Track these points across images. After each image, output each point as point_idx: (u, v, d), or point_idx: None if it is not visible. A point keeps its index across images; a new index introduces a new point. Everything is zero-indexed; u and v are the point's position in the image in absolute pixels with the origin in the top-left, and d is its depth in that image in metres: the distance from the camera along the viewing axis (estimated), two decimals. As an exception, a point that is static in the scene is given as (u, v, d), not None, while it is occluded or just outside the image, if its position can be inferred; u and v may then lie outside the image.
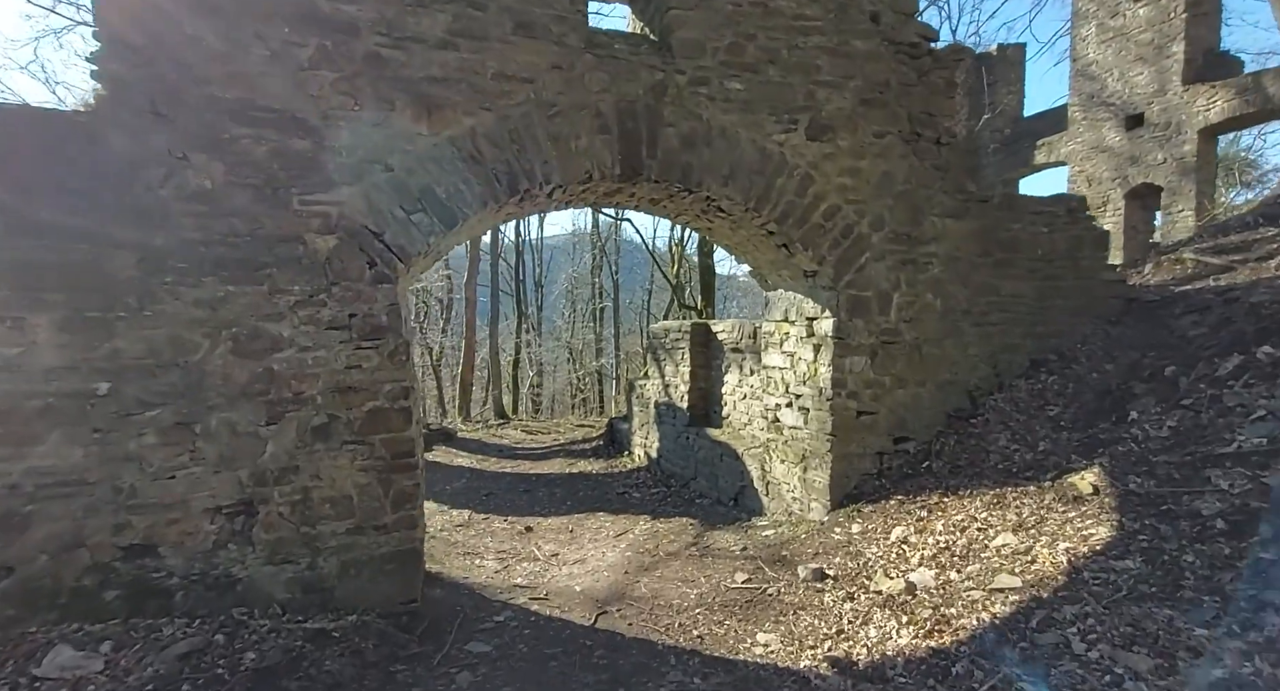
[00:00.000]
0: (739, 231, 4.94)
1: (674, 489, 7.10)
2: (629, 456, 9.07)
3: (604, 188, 4.44)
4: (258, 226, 3.51)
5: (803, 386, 5.00)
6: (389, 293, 3.75)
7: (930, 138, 4.82)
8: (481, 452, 11.00)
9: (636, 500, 6.92)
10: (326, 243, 3.62)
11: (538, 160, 4.03)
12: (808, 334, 4.94)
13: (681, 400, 7.44)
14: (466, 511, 6.87)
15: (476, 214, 3.96)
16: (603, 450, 9.86)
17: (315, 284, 3.60)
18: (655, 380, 8.21)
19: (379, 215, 3.71)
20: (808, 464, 4.94)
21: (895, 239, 4.78)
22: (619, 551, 5.24)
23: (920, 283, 4.85)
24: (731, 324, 6.79)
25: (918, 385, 4.87)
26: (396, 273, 3.77)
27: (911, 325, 4.84)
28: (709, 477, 6.59)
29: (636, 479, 7.84)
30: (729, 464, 6.19)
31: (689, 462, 7.07)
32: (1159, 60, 11.19)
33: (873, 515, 4.35)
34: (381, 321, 3.73)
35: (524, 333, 24.17)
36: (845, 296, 4.69)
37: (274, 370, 3.54)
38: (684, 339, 7.43)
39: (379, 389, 3.74)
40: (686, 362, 7.37)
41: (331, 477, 3.65)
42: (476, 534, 6.07)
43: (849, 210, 4.67)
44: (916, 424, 4.89)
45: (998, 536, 3.56)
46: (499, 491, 7.86)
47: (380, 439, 3.74)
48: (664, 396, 7.92)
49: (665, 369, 7.91)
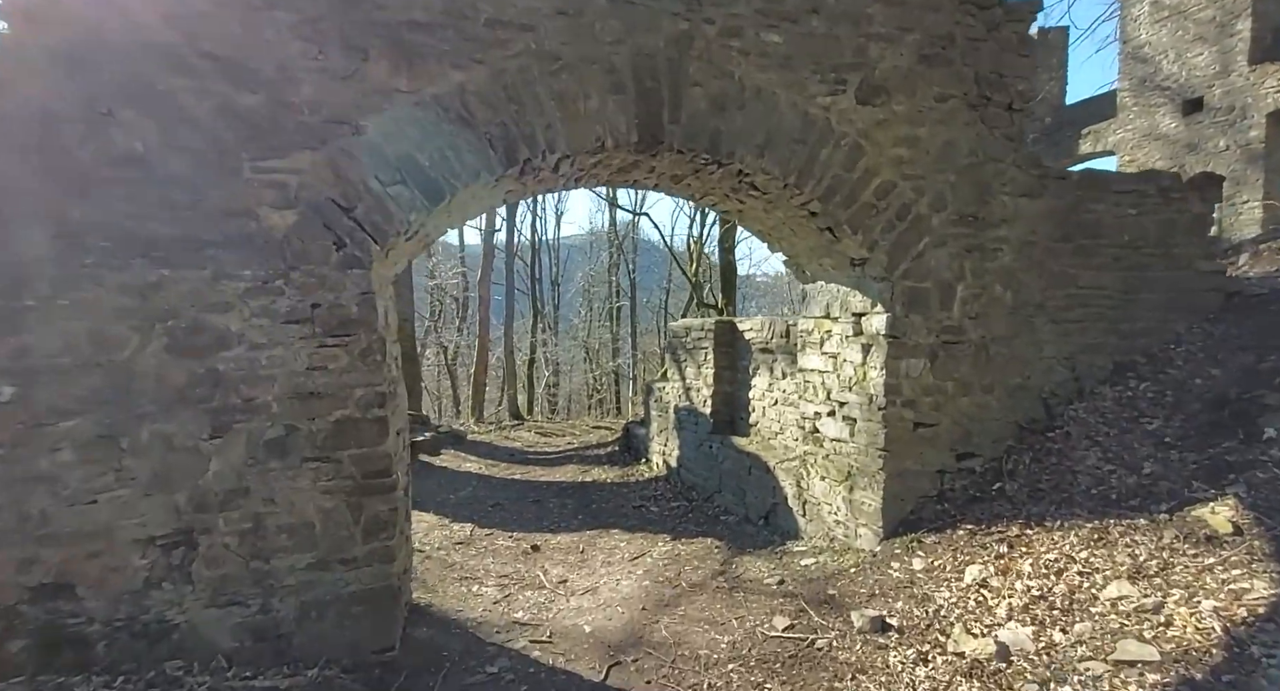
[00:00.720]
0: (774, 213, 4.22)
1: (696, 503, 6.39)
2: (646, 464, 8.37)
3: (619, 160, 3.75)
4: (200, 198, 2.88)
5: (848, 392, 4.26)
6: (361, 279, 3.10)
7: (1000, 102, 4.05)
8: (491, 457, 10.39)
9: (654, 515, 6.22)
10: (284, 218, 2.98)
11: (539, 124, 3.35)
12: (854, 332, 4.20)
13: (704, 405, 6.73)
14: (469, 526, 6.22)
15: (467, 187, 3.29)
16: (618, 456, 9.17)
17: (270, 268, 2.96)
18: (675, 383, 7.51)
19: (348, 186, 3.06)
20: (854, 482, 4.20)
21: (959, 221, 4.02)
22: (635, 579, 4.54)
23: (988, 272, 4.08)
24: (760, 321, 6.07)
25: (984, 392, 4.10)
26: (370, 256, 3.11)
27: (977, 322, 4.07)
28: (735, 492, 5.87)
29: (654, 490, 7.13)
30: (758, 478, 5.46)
31: (712, 474, 6.35)
32: (1221, 39, 10.20)
33: (937, 548, 3.60)
34: (351, 313, 3.08)
35: (540, 331, 23.61)
36: (901, 288, 3.94)
37: (219, 372, 2.91)
38: (707, 338, 6.72)
39: (348, 394, 3.09)
40: (709, 364, 6.66)
41: (289, 501, 3.01)
42: (478, 553, 5.41)
43: (905, 187, 3.92)
44: (983, 437, 4.12)
45: (1109, 585, 2.80)
46: (506, 501, 7.21)
47: (350, 455, 3.09)
48: (684, 400, 7.22)
49: (686, 370, 7.20)
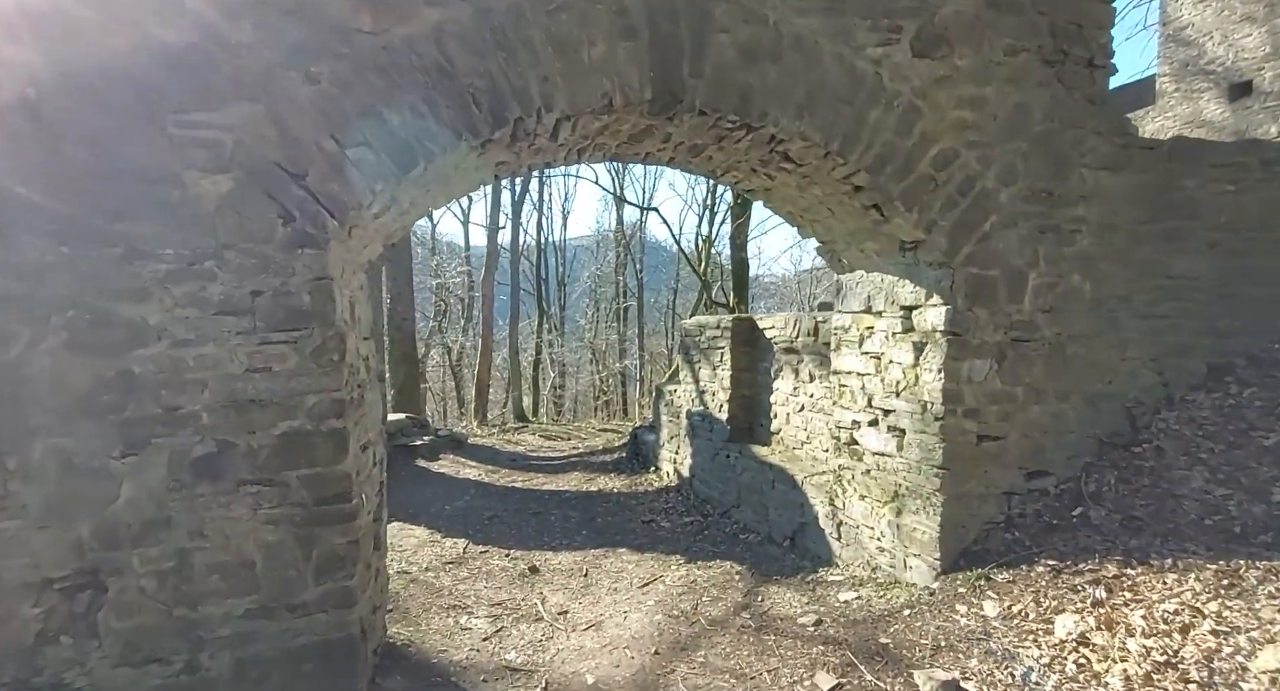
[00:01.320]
0: (809, 191, 3.60)
1: (711, 518, 5.77)
2: (655, 473, 7.75)
3: (629, 123, 3.14)
4: (109, 158, 2.30)
5: (894, 399, 3.63)
6: (314, 262, 2.51)
7: (1079, 57, 3.41)
8: (492, 462, 9.81)
9: (666, 532, 5.60)
10: (217, 185, 2.40)
11: (534, 76, 2.75)
12: (904, 328, 3.57)
13: (720, 410, 6.11)
14: (462, 541, 5.64)
15: (447, 153, 2.70)
16: (625, 464, 8.57)
17: (198, 246, 2.38)
18: (687, 385, 6.89)
19: (297, 147, 2.48)
20: (903, 504, 3.57)
21: (1031, 197, 3.39)
22: (646, 612, 3.93)
23: (1064, 258, 3.44)
24: (784, 318, 5.45)
25: (1059, 399, 3.46)
26: (326, 233, 2.53)
27: (1052, 316, 3.43)
28: (756, 508, 5.25)
29: (665, 502, 6.52)
30: (783, 493, 4.84)
31: (730, 486, 5.73)
32: (1271, 19, 9.44)
33: (1013, 588, 2.97)
34: (302, 303, 2.50)
35: (545, 332, 23.06)
36: (963, 277, 3.31)
37: (133, 374, 2.33)
38: (723, 337, 6.10)
39: (298, 402, 2.50)
40: (726, 365, 6.04)
41: (223, 534, 2.42)
42: (469, 575, 4.82)
43: (969, 156, 3.29)
44: (1057, 453, 3.48)
45: (1260, 651, 2.16)
46: (505, 513, 6.62)
47: (299, 476, 2.50)
48: (698, 404, 6.60)
49: (700, 372, 6.59)
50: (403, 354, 12.18)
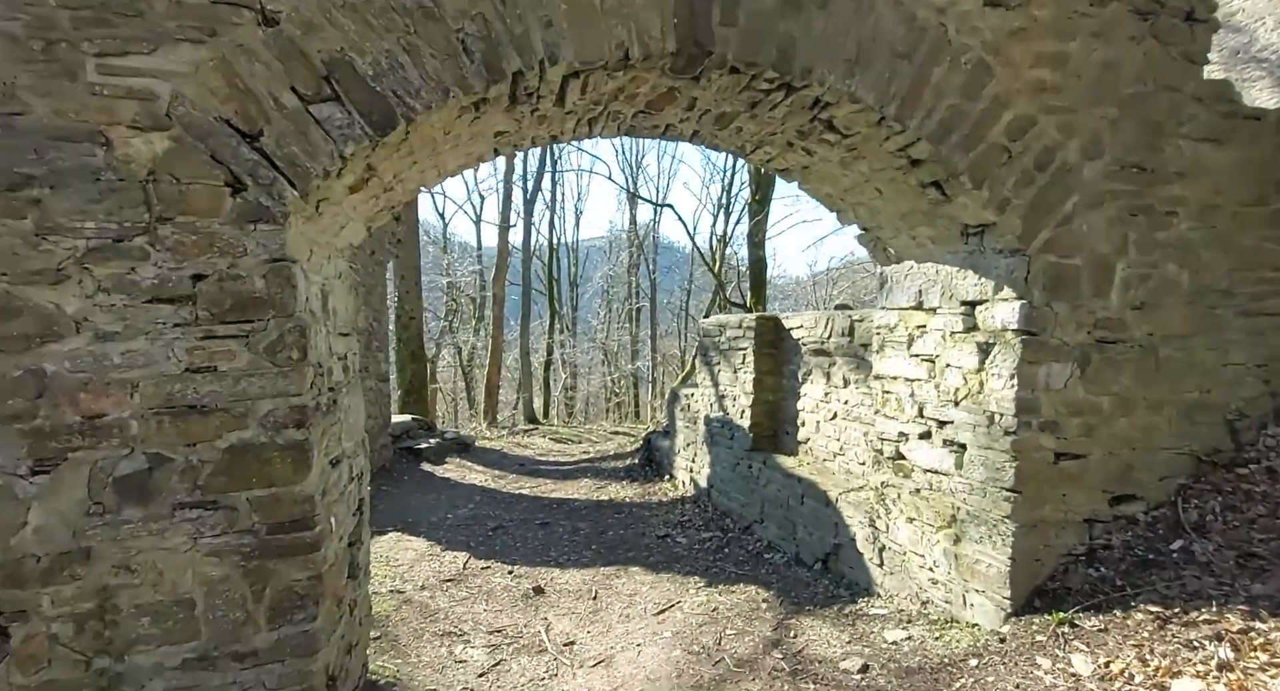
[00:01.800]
0: (855, 167, 3.11)
1: (732, 534, 5.28)
2: (670, 482, 7.27)
3: (648, 84, 2.68)
4: (17, 111, 1.88)
5: (952, 408, 3.13)
6: (270, 239, 2.07)
7: (1178, 9, 2.89)
8: (500, 467, 9.39)
9: (683, 549, 5.12)
10: (151, 144, 1.97)
11: (536, 19, 2.30)
12: (965, 327, 3.07)
13: (741, 416, 5.62)
14: (463, 555, 5.20)
15: (434, 112, 2.25)
16: (638, 471, 8.09)
17: (128, 219, 1.95)
18: (705, 389, 6.41)
19: (250, 100, 2.04)
20: (962, 531, 3.06)
21: (1120, 172, 2.87)
22: (662, 646, 3.45)
23: (1158, 244, 2.92)
24: (814, 317, 4.95)
25: (1151, 410, 2.93)
26: (285, 205, 2.09)
27: (1144, 314, 2.91)
28: (782, 524, 4.75)
29: (681, 515, 6.03)
30: (814, 510, 4.34)
31: (752, 500, 5.24)
32: (1333, 0, 8.80)
33: (1106, 639, 2.45)
34: (254, 289, 2.06)
35: (557, 333, 22.68)
36: (1040, 266, 2.80)
37: (45, 374, 1.90)
38: (745, 337, 5.62)
39: (249, 409, 2.06)
40: (749, 368, 5.55)
41: (155, 569, 1.99)
42: (468, 595, 4.37)
43: (1048, 124, 2.79)
44: (1147, 473, 2.96)
45: None
46: (510, 523, 6.18)
47: (250, 498, 2.06)
48: (717, 409, 6.11)
49: (719, 375, 6.10)
50: (411, 353, 11.82)
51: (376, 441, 8.28)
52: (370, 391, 8.11)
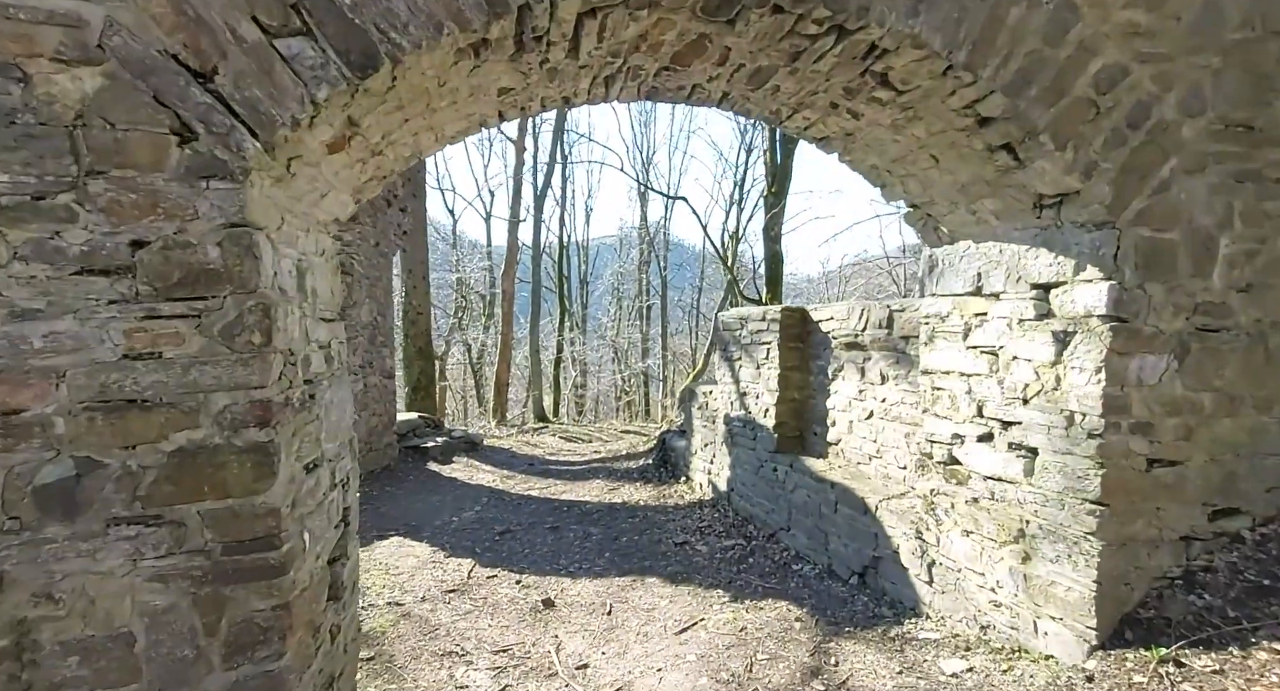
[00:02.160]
0: (910, 130, 2.71)
1: (756, 542, 4.89)
2: (686, 484, 6.89)
3: (675, 30, 2.29)
4: (-90, 37, 1.53)
5: (1019, 407, 2.72)
6: (228, 201, 1.71)
7: (1293, -58, 2.47)
8: (508, 467, 9.06)
9: (703, 558, 4.73)
10: (78, 82, 1.61)
11: (547, -57, 1.92)
12: (1037, 314, 2.66)
13: (765, 415, 5.22)
14: (468, 562, 4.85)
15: (425, 53, 1.88)
16: (652, 472, 7.72)
17: (50, 172, 1.60)
18: (725, 386, 6.02)
19: (203, 32, 1.68)
20: (1033, 547, 2.65)
21: (1225, 133, 2.45)
22: (686, 673, 3.07)
23: (1269, 216, 2.50)
24: (846, 308, 4.54)
25: (1259, 409, 2.51)
26: (246, 159, 1.73)
27: (1251, 296, 2.49)
28: (812, 533, 4.35)
29: (700, 520, 5.65)
30: (849, 518, 3.94)
31: (778, 505, 4.84)
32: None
33: (1224, 683, 2.04)
34: (207, 260, 1.70)
35: (567, 330, 22.35)
36: (1132, 241, 2.39)
37: (-54, 361, 1.55)
38: (769, 331, 5.22)
39: (201, 405, 1.70)
40: (773, 364, 5.15)
41: (85, 597, 1.64)
42: (472, 608, 4.02)
43: (1142, 74, 2.37)
44: (1253, 483, 2.54)
45: None
46: (519, 527, 5.83)
47: (202, 512, 1.71)
48: (738, 408, 5.72)
49: (740, 371, 5.70)
50: (418, 350, 11.52)
51: (381, 440, 7.98)
52: (375, 388, 7.81)
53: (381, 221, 8.07)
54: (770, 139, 12.18)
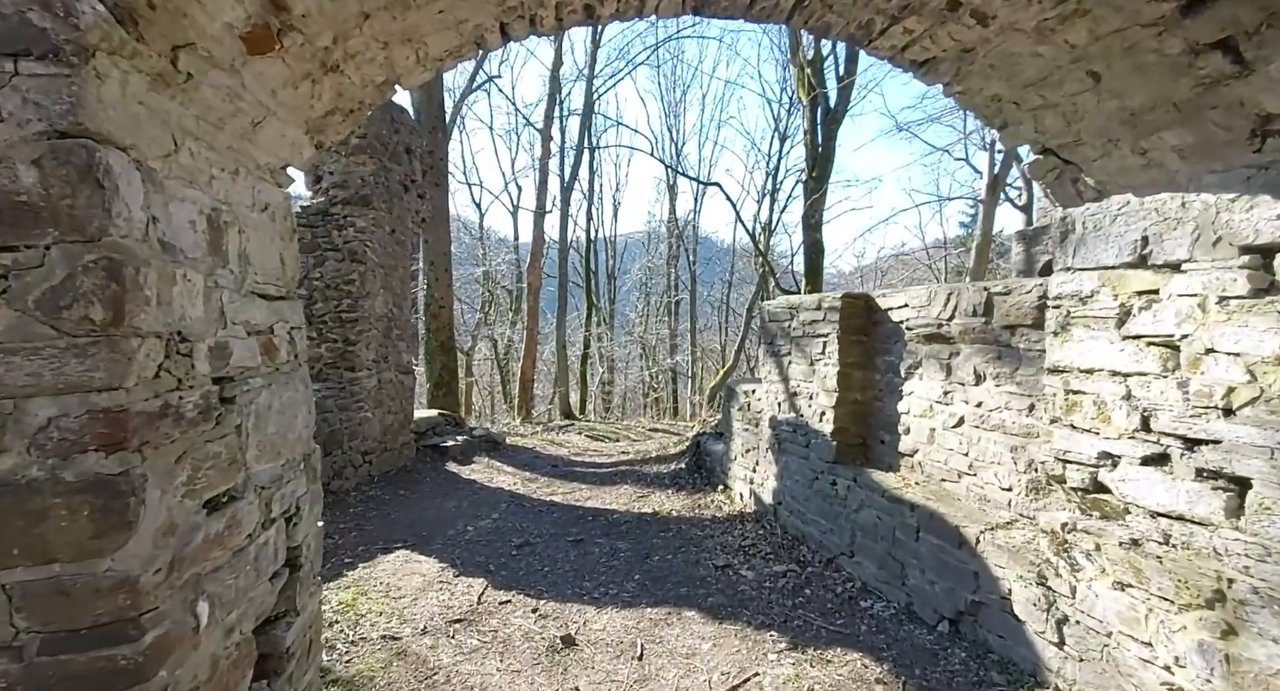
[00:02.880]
0: (1067, 30, 1.92)
1: (812, 569, 4.15)
2: (724, 492, 6.17)
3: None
4: None
5: (1217, 419, 1.93)
6: (51, 96, 1.06)
7: None
8: (531, 468, 8.47)
9: (750, 586, 4.01)
10: None
11: None
12: (1253, 289, 1.86)
13: (820, 419, 4.46)
14: (480, 582, 4.23)
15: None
16: (685, 478, 7.01)
17: None
18: (771, 385, 5.26)
19: None
20: (1242, 619, 1.86)
21: None
22: (741, 755, 2.37)
23: None
24: (927, 292, 3.76)
25: None
26: (83, 31, 1.07)
27: None
28: (884, 563, 3.60)
29: (742, 537, 4.93)
30: (935, 549, 3.18)
31: (838, 525, 4.09)
32: None
33: None
34: (16, 187, 1.05)
35: (594, 326, 21.77)
36: None
37: None
38: (826, 321, 4.45)
39: (7, 419, 1.06)
40: (831, 359, 4.39)
41: None
42: (480, 646, 3.39)
43: None
44: None
45: None
46: (538, 539, 5.20)
47: (9, 586, 1.07)
48: (786, 410, 4.97)
49: (789, 368, 4.95)
50: (440, 344, 11.02)
51: (397, 439, 7.45)
52: (390, 384, 7.28)
53: (398, 207, 7.53)
54: (810, 119, 11.32)
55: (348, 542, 4.93)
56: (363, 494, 6.34)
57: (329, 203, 6.75)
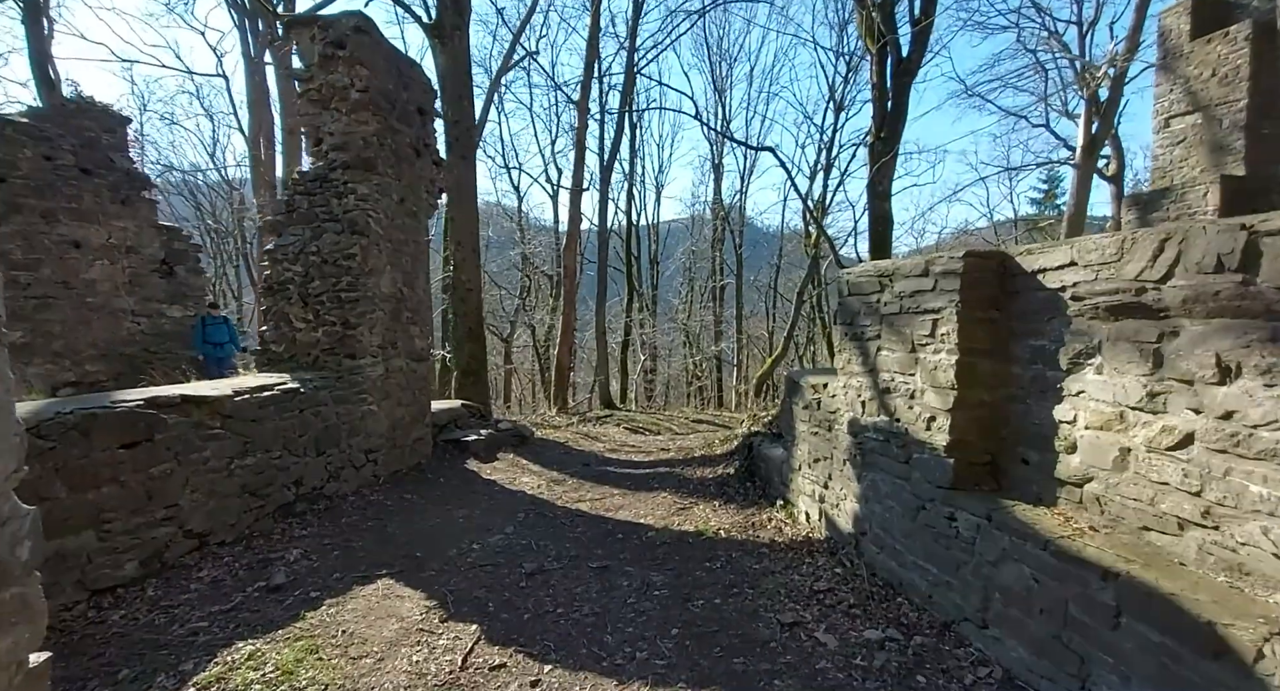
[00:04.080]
0: None
1: (919, 634, 2.91)
2: (785, 510, 4.96)
3: None
4: None
5: None
6: None
7: None
8: (560, 466, 7.48)
9: (833, 664, 2.82)
10: None
11: None
12: None
13: (929, 426, 3.20)
14: (472, 630, 3.22)
15: None
16: (734, 486, 5.83)
17: None
18: (852, 378, 4.00)
19: None
20: None
21: None
22: None
23: None
24: (1113, 242, 2.44)
25: None
26: None
27: None
28: (1042, 647, 2.35)
29: (813, 575, 3.73)
30: (1151, 647, 1.92)
31: (959, 578, 2.85)
32: None
33: None
34: None
35: (635, 312, 20.66)
36: None
37: None
38: (938, 291, 3.17)
39: None
40: (946, 344, 3.11)
41: None
42: (450, 744, 2.35)
43: None
44: None
45: None
46: (554, 565, 4.16)
47: None
48: (874, 411, 3.72)
49: (879, 356, 3.68)
50: (469, 330, 10.13)
51: (409, 435, 6.57)
52: (399, 373, 6.38)
53: (409, 174, 6.58)
54: (879, 71, 9.76)
55: (325, 567, 4.01)
56: (362, 499, 5.47)
57: (328, 167, 5.85)
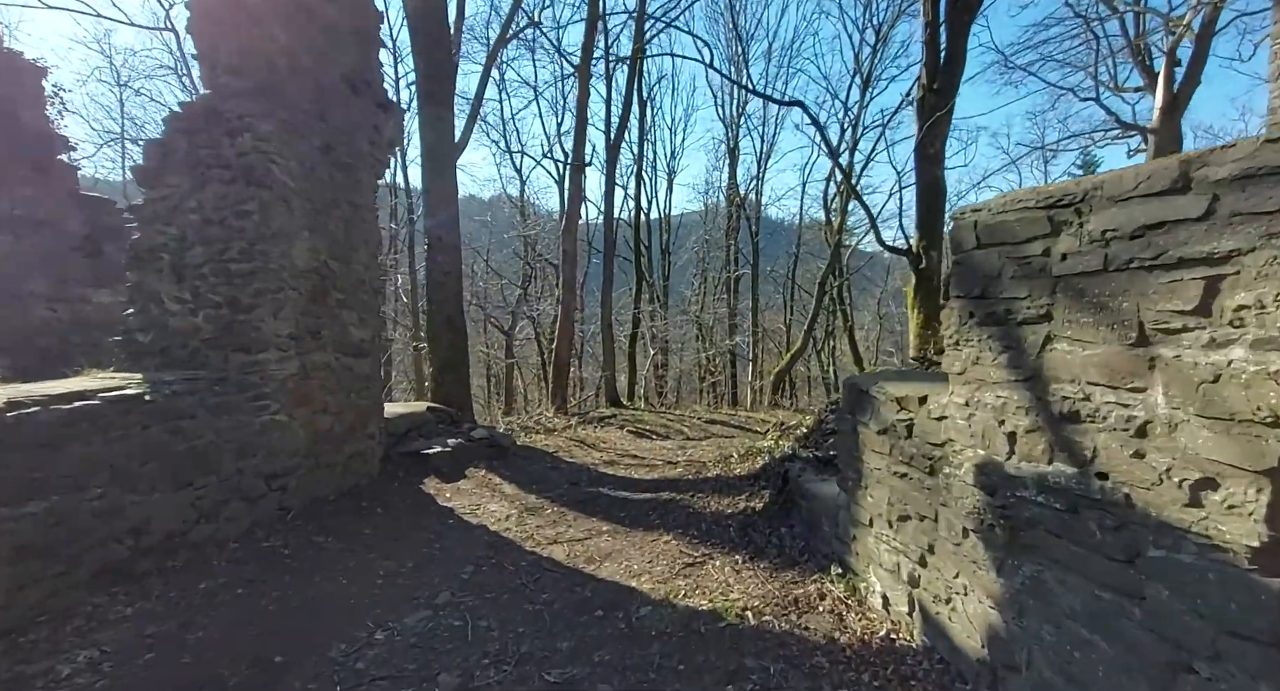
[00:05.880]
0: None
1: None
2: (845, 583, 3.28)
3: None
4: None
5: None
6: None
7: None
8: (541, 485, 5.89)
9: None
10: None
11: None
12: None
13: (1192, 498, 1.51)
14: None
15: None
16: (761, 527, 4.16)
17: None
18: (988, 390, 2.32)
19: None
20: None
21: None
22: None
23: None
24: None
25: None
26: None
27: None
28: None
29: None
30: None
31: None
32: None
33: None
34: None
35: (644, 303, 19.00)
36: None
37: None
38: (1219, 214, 1.48)
39: None
40: (1243, 326, 1.42)
41: None
42: None
43: None
44: None
45: None
46: (489, 678, 2.56)
47: None
48: (1041, 453, 2.03)
49: (1049, 351, 2.00)
50: (446, 318, 8.54)
51: (341, 450, 5.00)
52: (322, 370, 4.80)
53: (337, 115, 4.99)
54: (932, 10, 7.94)
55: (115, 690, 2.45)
56: (252, 546, 3.91)
57: (218, 97, 4.28)
